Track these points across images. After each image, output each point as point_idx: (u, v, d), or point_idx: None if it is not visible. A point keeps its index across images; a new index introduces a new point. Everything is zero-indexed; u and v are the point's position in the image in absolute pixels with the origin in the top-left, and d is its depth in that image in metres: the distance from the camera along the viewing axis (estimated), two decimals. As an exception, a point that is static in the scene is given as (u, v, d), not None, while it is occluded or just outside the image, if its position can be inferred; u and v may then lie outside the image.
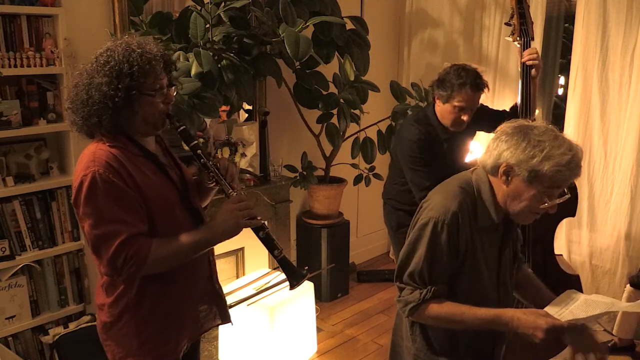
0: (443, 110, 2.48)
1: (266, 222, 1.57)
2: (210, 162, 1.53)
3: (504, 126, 1.48)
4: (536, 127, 1.42)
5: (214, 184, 1.57)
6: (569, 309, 1.43)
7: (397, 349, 1.74)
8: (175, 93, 1.58)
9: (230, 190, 1.52)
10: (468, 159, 2.82)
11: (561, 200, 1.44)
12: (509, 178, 1.43)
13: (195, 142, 1.54)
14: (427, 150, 2.49)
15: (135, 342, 1.51)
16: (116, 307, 1.50)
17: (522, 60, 2.41)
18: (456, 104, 2.40)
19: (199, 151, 1.53)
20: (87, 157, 1.42)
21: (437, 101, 2.50)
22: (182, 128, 1.53)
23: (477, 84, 2.39)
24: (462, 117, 2.45)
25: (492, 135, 1.51)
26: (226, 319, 1.75)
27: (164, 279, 1.49)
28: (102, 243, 1.37)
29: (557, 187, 1.40)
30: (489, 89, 2.48)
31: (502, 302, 1.61)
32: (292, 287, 1.58)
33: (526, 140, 1.39)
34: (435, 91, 2.50)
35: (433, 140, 2.52)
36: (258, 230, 1.52)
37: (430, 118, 2.55)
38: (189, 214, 1.56)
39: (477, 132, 2.81)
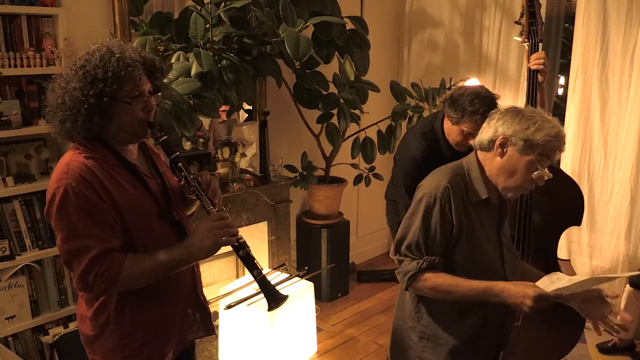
0: (450, 130, 2.38)
1: (246, 240, 1.53)
2: (192, 176, 1.47)
3: (497, 109, 1.65)
4: (526, 108, 1.62)
5: (195, 198, 1.51)
6: (555, 285, 1.50)
7: (401, 332, 1.78)
8: (160, 100, 1.52)
9: (211, 207, 1.46)
10: None
11: (545, 179, 1.55)
12: (505, 149, 1.56)
13: (177, 154, 1.49)
14: (426, 167, 2.39)
15: (119, 357, 1.48)
16: (97, 320, 1.46)
17: (529, 65, 2.31)
18: (464, 129, 2.28)
19: (180, 164, 1.48)
20: (61, 168, 1.37)
21: (446, 119, 2.39)
22: (164, 139, 1.47)
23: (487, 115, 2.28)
24: (468, 141, 2.33)
25: None
26: (210, 331, 1.71)
27: (145, 291, 1.45)
28: (73, 258, 1.34)
29: (547, 157, 1.54)
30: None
31: (509, 278, 1.67)
32: (270, 309, 1.53)
33: (520, 115, 1.55)
34: (445, 109, 2.36)
35: (436, 155, 2.43)
36: (238, 249, 1.47)
37: (437, 132, 2.46)
38: (169, 226, 1.51)
39: None
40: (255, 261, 1.51)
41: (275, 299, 1.53)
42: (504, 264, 1.68)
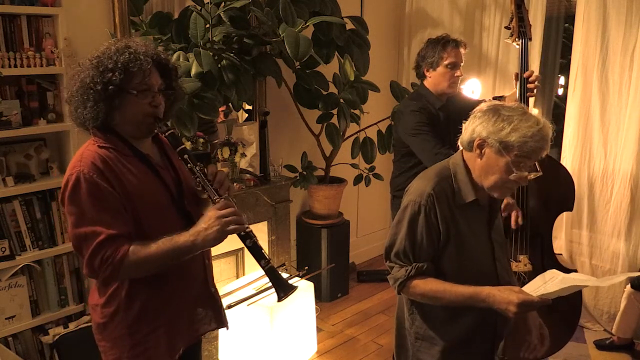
0: (436, 77, 2.62)
1: (253, 230, 1.53)
2: (198, 168, 1.50)
3: (480, 106, 1.60)
4: (507, 105, 1.56)
5: (201, 189, 1.52)
6: (545, 287, 1.49)
7: (402, 331, 1.80)
8: (174, 100, 1.58)
9: (216, 197, 1.47)
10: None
11: (533, 176, 1.54)
12: (482, 151, 1.54)
13: (183, 146, 1.51)
14: (428, 120, 2.59)
15: (128, 343, 1.50)
16: (108, 307, 1.50)
17: (528, 87, 2.46)
18: (446, 62, 2.56)
19: (185, 156, 1.51)
20: (76, 157, 1.44)
21: (427, 73, 2.65)
22: (169, 132, 1.51)
23: (456, 40, 2.59)
24: (456, 74, 2.61)
25: None
26: (221, 324, 1.73)
27: (155, 280, 1.48)
28: (82, 243, 1.38)
29: (525, 158, 1.50)
30: (466, 47, 2.63)
31: (500, 276, 1.68)
32: (279, 299, 1.53)
33: (496, 116, 1.52)
34: (422, 66, 2.66)
35: (430, 113, 2.63)
36: (245, 238, 1.48)
37: (423, 93, 2.69)
38: (179, 217, 1.53)
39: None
40: (263, 251, 1.51)
41: (283, 288, 1.53)
42: (495, 262, 1.68)
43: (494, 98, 2.77)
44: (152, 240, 1.42)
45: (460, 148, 1.65)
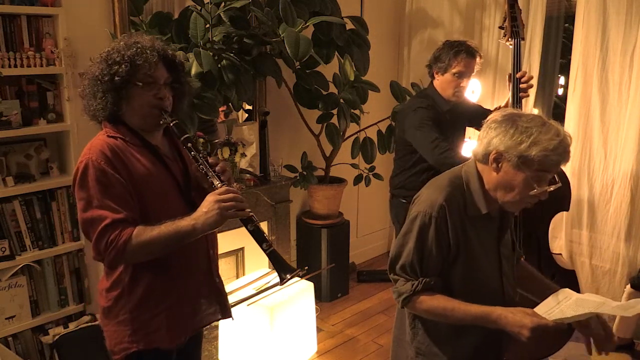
0: (443, 82, 2.64)
1: (254, 214, 1.54)
2: (200, 155, 1.54)
3: (494, 115, 1.51)
4: (524, 115, 1.45)
5: (204, 174, 1.55)
6: (560, 308, 1.43)
7: (399, 344, 1.75)
8: (182, 95, 1.63)
9: (218, 182, 1.51)
10: (465, 148, 2.89)
11: (552, 189, 1.46)
12: (499, 165, 1.45)
13: (187, 135, 1.56)
14: (432, 117, 2.60)
15: (130, 328, 1.54)
16: (112, 291, 1.56)
17: (521, 87, 2.47)
18: (454, 70, 2.59)
19: (189, 144, 1.55)
20: (86, 147, 1.51)
21: (436, 75, 2.68)
22: (174, 122, 1.55)
23: (471, 50, 2.61)
24: (462, 84, 2.62)
25: None
26: (226, 314, 1.76)
27: (157, 267, 1.53)
28: (89, 227, 1.44)
29: (546, 172, 1.42)
30: (481, 57, 2.65)
31: (506, 292, 1.63)
32: (282, 281, 1.54)
33: (514, 127, 1.41)
34: (433, 67, 2.69)
35: (436, 112, 2.64)
36: (246, 222, 1.50)
37: (431, 93, 2.71)
38: (186, 206, 1.56)
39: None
40: (265, 234, 1.53)
41: (285, 270, 1.54)
42: (502, 277, 1.62)
43: (496, 109, 2.76)
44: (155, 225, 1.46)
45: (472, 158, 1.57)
